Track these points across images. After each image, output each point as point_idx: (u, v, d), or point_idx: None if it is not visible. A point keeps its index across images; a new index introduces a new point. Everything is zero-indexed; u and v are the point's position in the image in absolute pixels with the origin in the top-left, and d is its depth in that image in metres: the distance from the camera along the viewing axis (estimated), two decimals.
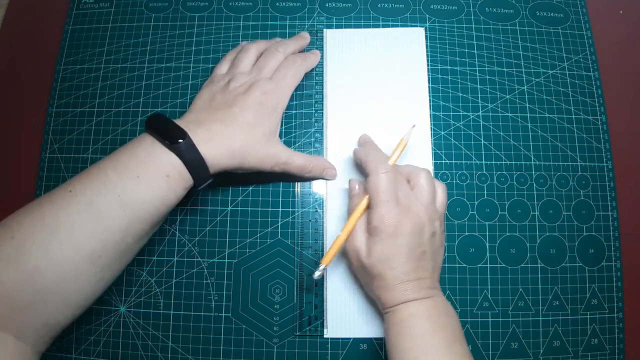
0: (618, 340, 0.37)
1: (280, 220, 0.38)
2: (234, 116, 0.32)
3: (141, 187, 0.28)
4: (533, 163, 0.39)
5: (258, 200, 0.39)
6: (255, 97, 0.33)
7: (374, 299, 0.34)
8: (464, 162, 0.39)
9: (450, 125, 0.40)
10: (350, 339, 0.36)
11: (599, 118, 0.41)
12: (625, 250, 0.38)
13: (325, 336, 0.36)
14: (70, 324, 0.28)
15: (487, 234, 0.38)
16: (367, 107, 0.40)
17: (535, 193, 0.39)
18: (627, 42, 0.44)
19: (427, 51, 0.42)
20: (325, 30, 0.42)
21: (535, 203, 0.39)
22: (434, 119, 0.40)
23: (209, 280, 0.37)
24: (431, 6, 0.43)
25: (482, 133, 0.40)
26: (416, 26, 0.42)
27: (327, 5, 0.44)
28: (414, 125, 0.36)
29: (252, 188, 0.39)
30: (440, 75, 0.41)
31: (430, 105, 0.40)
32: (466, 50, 0.42)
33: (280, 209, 0.38)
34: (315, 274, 0.32)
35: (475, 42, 0.42)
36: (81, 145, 0.41)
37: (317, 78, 0.41)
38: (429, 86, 0.41)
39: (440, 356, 0.28)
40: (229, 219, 0.38)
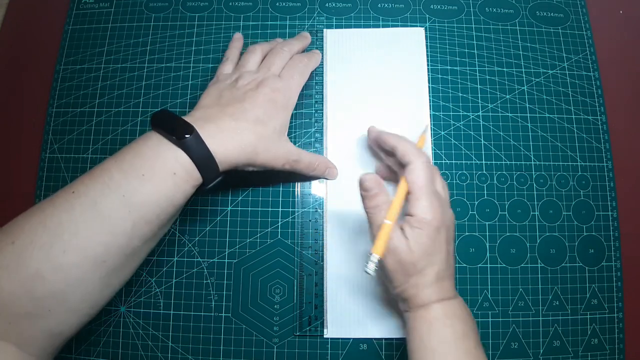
0: (618, 340, 0.37)
1: (280, 220, 0.38)
2: (245, 112, 0.31)
3: (147, 186, 0.27)
4: (533, 163, 0.39)
5: (258, 200, 0.39)
6: (265, 94, 0.33)
7: (399, 298, 0.31)
8: (464, 162, 0.39)
9: (450, 125, 0.40)
10: (350, 339, 0.36)
11: (599, 118, 0.41)
12: (625, 250, 0.38)
13: (325, 336, 0.36)
14: (76, 334, 0.27)
15: (487, 234, 0.38)
16: (367, 107, 0.40)
17: (535, 193, 0.39)
18: (627, 42, 0.44)
19: (427, 51, 0.42)
20: (325, 30, 0.42)
21: (535, 203, 0.39)
22: (434, 119, 0.40)
23: (209, 280, 0.37)
24: (431, 6, 0.43)
25: (482, 133, 0.40)
26: (416, 26, 0.42)
27: (327, 5, 0.44)
28: (426, 126, 0.37)
29: (252, 188, 0.39)
30: (440, 75, 0.41)
31: (430, 105, 0.40)
32: (466, 50, 0.42)
33: (280, 209, 0.38)
34: (369, 266, 0.29)
35: (475, 42, 0.42)
36: (81, 145, 0.41)
37: (317, 78, 0.41)
38: (429, 86, 0.41)
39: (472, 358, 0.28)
40: (229, 219, 0.38)
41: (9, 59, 0.44)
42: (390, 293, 0.33)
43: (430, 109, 0.40)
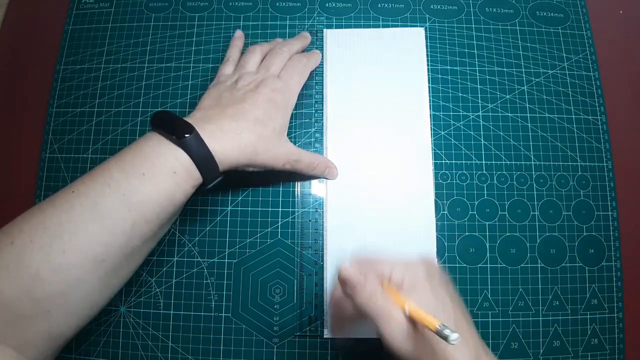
0: (618, 340, 0.37)
1: (280, 220, 0.38)
2: (245, 112, 0.31)
3: (147, 185, 0.27)
4: (533, 163, 0.39)
5: (258, 200, 0.39)
6: (265, 94, 0.33)
7: None
8: (464, 162, 0.39)
9: (450, 125, 0.40)
10: (350, 339, 0.36)
11: (599, 118, 0.41)
12: (625, 250, 0.38)
13: (325, 336, 0.36)
14: (75, 336, 0.27)
15: (487, 234, 0.38)
16: (367, 107, 0.40)
17: (535, 193, 0.39)
18: (627, 42, 0.44)
19: (427, 51, 0.42)
20: (325, 30, 0.42)
21: (535, 203, 0.39)
22: (434, 119, 0.40)
23: (209, 280, 0.37)
24: (431, 6, 0.43)
25: (482, 133, 0.40)
26: (416, 26, 0.42)
27: (327, 5, 0.44)
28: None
29: (252, 188, 0.39)
30: (440, 75, 0.41)
31: (430, 105, 0.40)
32: (466, 50, 0.42)
33: (280, 209, 0.38)
34: (452, 337, 0.23)
35: (475, 42, 0.42)
36: (81, 145, 0.41)
37: (317, 78, 0.41)
38: (429, 86, 0.41)
39: None
40: (229, 219, 0.38)
41: (9, 59, 0.44)
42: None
43: (430, 109, 0.40)
